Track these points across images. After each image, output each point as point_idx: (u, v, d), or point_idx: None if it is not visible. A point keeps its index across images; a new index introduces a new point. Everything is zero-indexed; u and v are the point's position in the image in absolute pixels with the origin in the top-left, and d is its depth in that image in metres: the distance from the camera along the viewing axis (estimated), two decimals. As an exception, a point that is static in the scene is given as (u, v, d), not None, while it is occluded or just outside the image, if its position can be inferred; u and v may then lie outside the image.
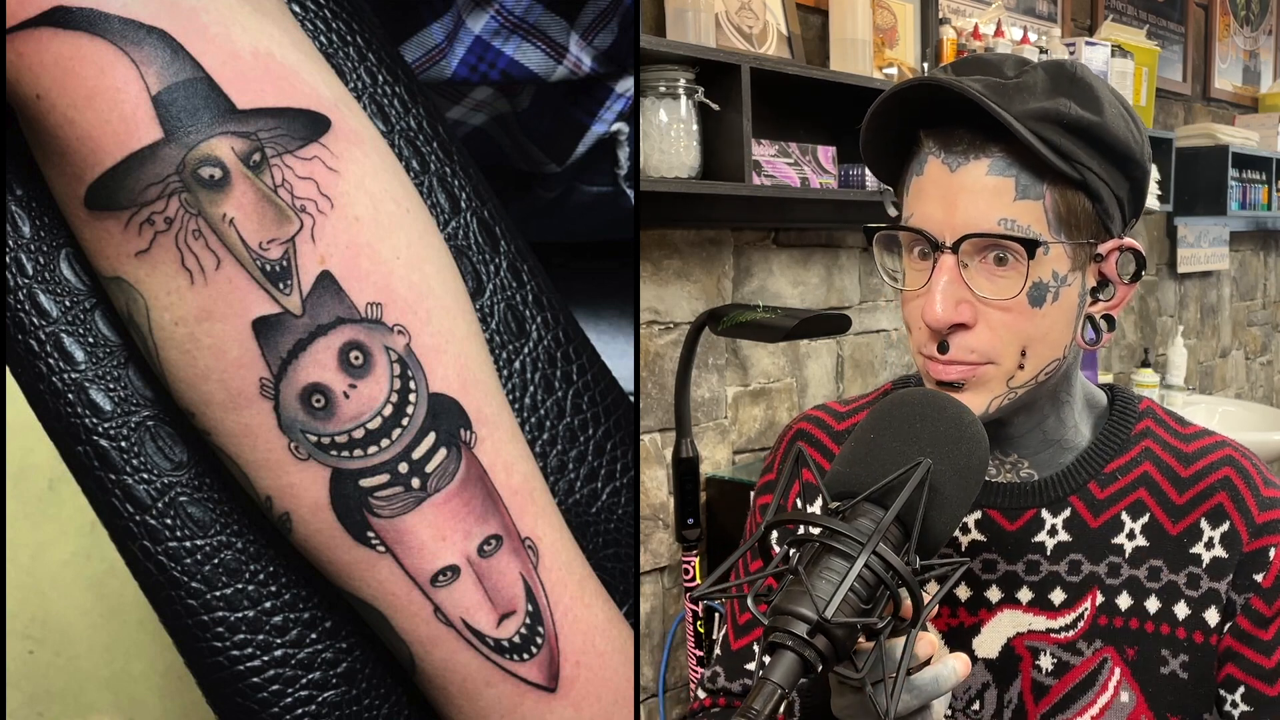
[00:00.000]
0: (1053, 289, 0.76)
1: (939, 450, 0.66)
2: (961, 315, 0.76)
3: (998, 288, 0.75)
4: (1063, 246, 0.76)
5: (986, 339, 0.76)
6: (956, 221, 0.75)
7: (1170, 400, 3.23)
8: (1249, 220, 3.70)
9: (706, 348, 2.01)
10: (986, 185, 0.74)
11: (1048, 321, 0.77)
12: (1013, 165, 0.74)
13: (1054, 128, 0.74)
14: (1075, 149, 0.74)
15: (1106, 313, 0.81)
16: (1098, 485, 0.85)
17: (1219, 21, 3.73)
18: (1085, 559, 0.84)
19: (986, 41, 2.42)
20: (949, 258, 0.75)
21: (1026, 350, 0.77)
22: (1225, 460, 0.85)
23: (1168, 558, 0.84)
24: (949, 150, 0.76)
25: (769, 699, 0.59)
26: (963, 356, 0.77)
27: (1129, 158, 0.77)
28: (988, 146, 0.75)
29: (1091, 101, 0.75)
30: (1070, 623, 0.84)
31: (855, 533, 0.62)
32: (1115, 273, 0.79)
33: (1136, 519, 0.85)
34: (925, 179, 0.77)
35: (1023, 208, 0.74)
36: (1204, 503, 0.84)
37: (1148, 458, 0.86)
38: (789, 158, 1.96)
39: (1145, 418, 0.88)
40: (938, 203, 0.76)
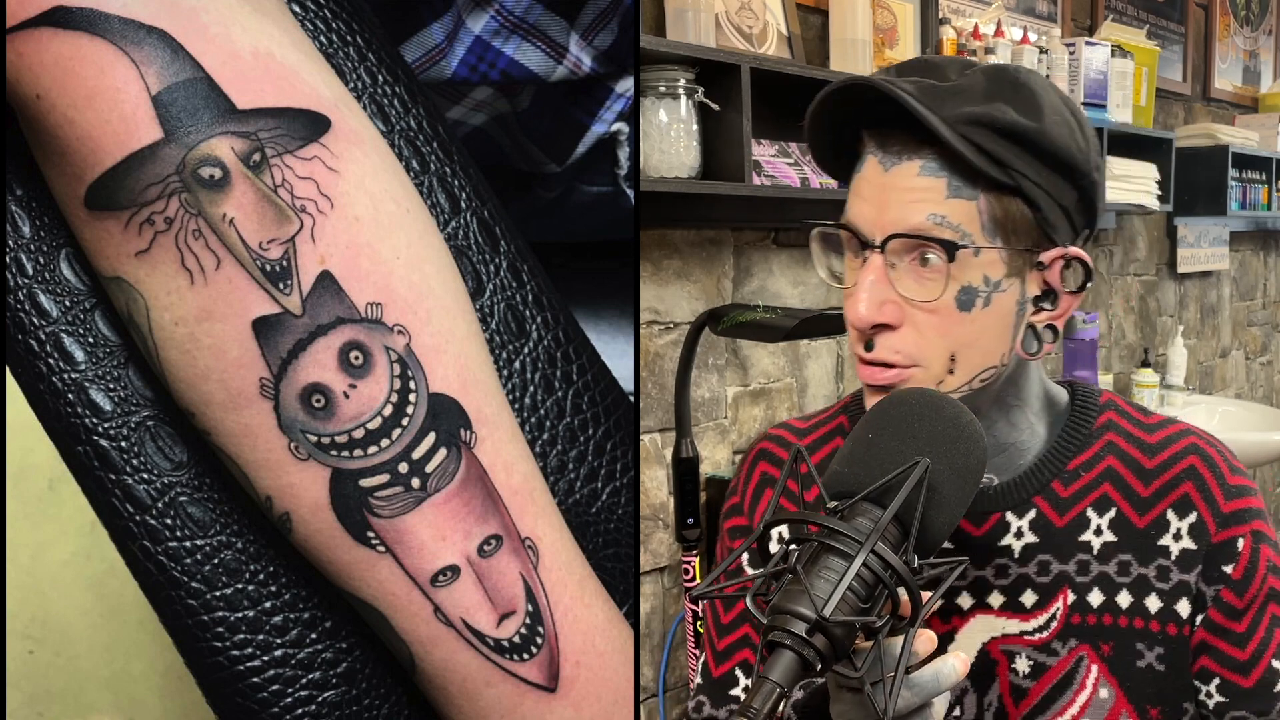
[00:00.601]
0: (984, 294, 0.75)
1: (937, 450, 0.66)
2: (886, 315, 0.75)
3: (923, 289, 0.74)
4: (997, 252, 0.74)
5: (912, 341, 0.75)
6: (885, 220, 0.74)
7: (1170, 400, 3.23)
8: (1249, 220, 3.70)
9: (706, 348, 2.01)
10: (917, 185, 0.74)
11: (977, 327, 0.75)
12: (944, 168, 0.74)
13: (986, 132, 0.73)
14: (1009, 155, 0.73)
15: (1050, 323, 0.79)
16: (1061, 484, 0.85)
17: (1219, 21, 3.73)
18: (1054, 559, 0.84)
19: (986, 42, 2.42)
20: (876, 257, 0.75)
21: (956, 356, 0.76)
22: (1190, 449, 0.85)
23: (1136, 551, 0.84)
24: (885, 150, 0.76)
25: (768, 698, 0.59)
26: (887, 357, 0.76)
27: (1071, 166, 0.75)
28: (921, 148, 0.74)
29: (1031, 108, 0.74)
30: (1043, 624, 0.84)
31: (854, 532, 0.62)
32: (1059, 282, 0.78)
33: (1103, 514, 0.84)
34: (861, 178, 0.77)
35: (955, 206, 0.74)
36: (1170, 494, 0.84)
37: (1111, 452, 0.85)
38: (789, 158, 1.96)
39: (1107, 410, 0.87)
40: (870, 201, 0.76)
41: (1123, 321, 3.30)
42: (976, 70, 0.77)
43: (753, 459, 0.95)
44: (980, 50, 2.38)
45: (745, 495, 0.94)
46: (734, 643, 0.93)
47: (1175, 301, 3.58)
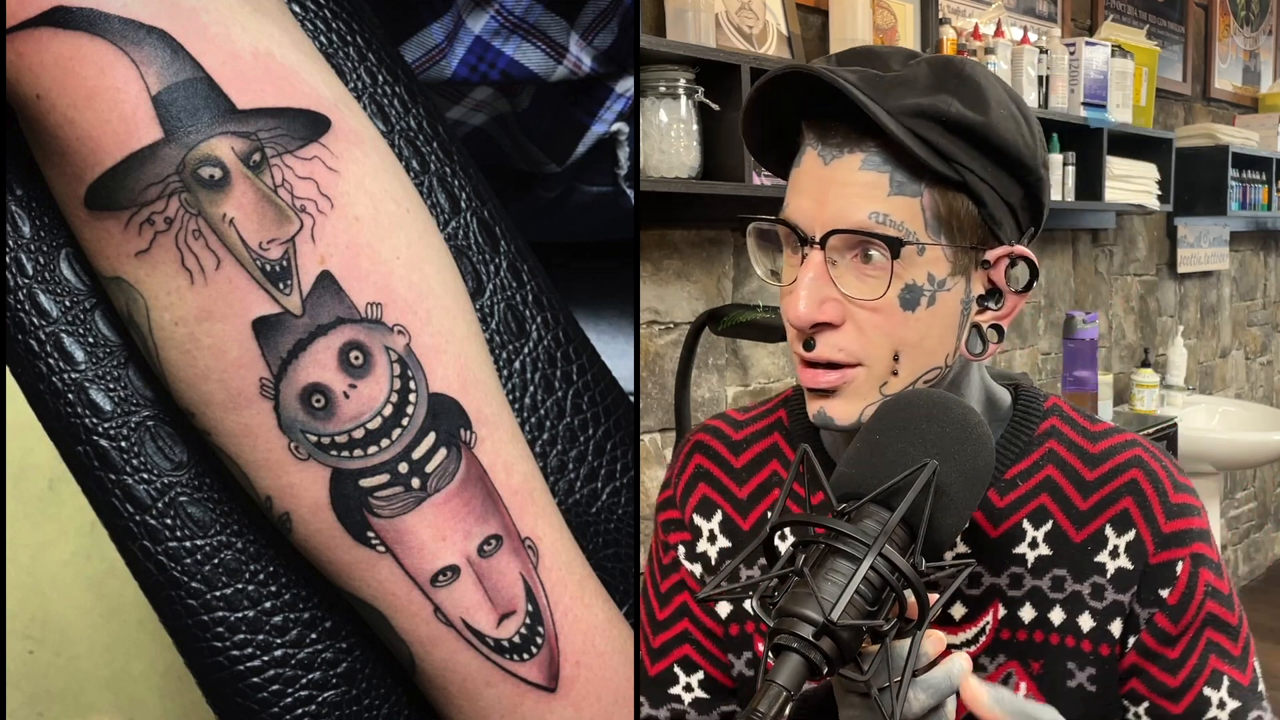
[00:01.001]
0: (928, 293, 0.73)
1: (945, 452, 0.66)
2: (827, 314, 0.73)
3: (866, 287, 0.72)
4: (941, 249, 0.72)
5: (854, 339, 0.73)
6: (826, 215, 0.72)
7: (1170, 400, 3.23)
8: (1249, 220, 3.70)
9: (706, 348, 2.01)
10: (858, 180, 0.72)
11: (922, 326, 0.73)
12: (887, 162, 0.71)
13: (932, 125, 0.71)
14: (954, 149, 0.71)
15: (995, 322, 0.77)
16: (996, 493, 0.82)
17: (1219, 21, 3.73)
18: (985, 571, 0.81)
19: (987, 42, 2.42)
20: (816, 253, 0.72)
21: (900, 355, 0.73)
22: (1133, 462, 0.81)
23: (1071, 567, 0.81)
24: (825, 143, 0.73)
25: (774, 701, 0.58)
26: (830, 355, 0.73)
27: (1018, 162, 0.73)
28: (863, 141, 0.71)
29: (977, 101, 0.72)
30: (972, 637, 0.81)
31: (861, 534, 0.62)
32: (1004, 281, 0.76)
33: (1039, 526, 0.81)
34: (800, 171, 0.74)
35: (897, 204, 0.71)
36: (1109, 508, 0.81)
37: (1051, 461, 0.82)
38: (789, 158, 1.96)
39: (1050, 416, 0.84)
40: (809, 196, 0.73)
41: (1123, 321, 3.30)
42: (921, 61, 0.74)
43: (687, 452, 0.92)
44: (980, 50, 2.38)
45: (678, 488, 0.92)
46: (671, 639, 0.92)
47: (1175, 301, 3.58)
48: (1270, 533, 4.29)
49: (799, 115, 0.75)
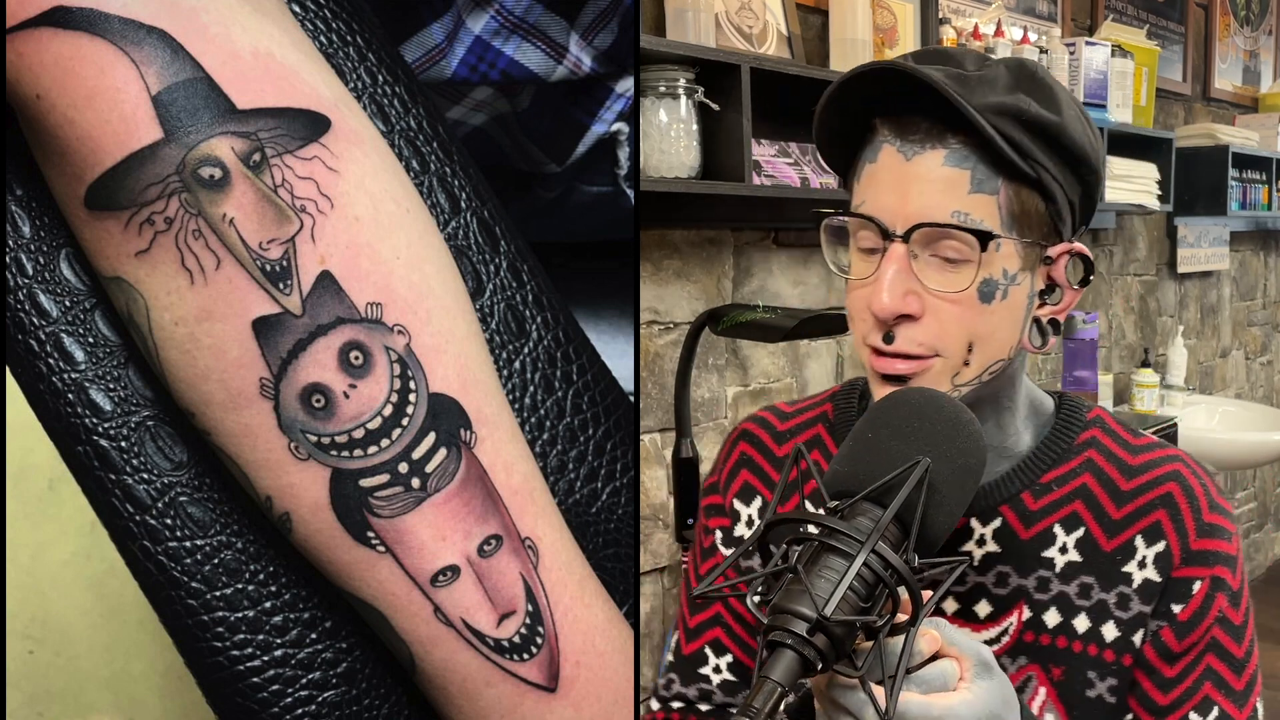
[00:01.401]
0: (1002, 286, 0.75)
1: (937, 449, 0.66)
2: (909, 306, 0.74)
3: (947, 280, 0.74)
4: (1014, 244, 0.74)
5: (934, 331, 0.75)
6: (909, 210, 0.73)
7: (1170, 400, 3.23)
8: (1249, 220, 3.70)
9: (706, 348, 2.01)
10: (941, 176, 0.73)
11: (996, 319, 0.75)
12: (969, 157, 0.73)
13: (1013, 123, 0.72)
14: (1033, 147, 0.73)
15: (1053, 317, 0.79)
16: (1031, 495, 0.82)
17: (1219, 21, 3.73)
18: (1013, 571, 0.82)
19: (986, 42, 2.42)
20: (899, 247, 0.73)
21: (973, 347, 0.75)
22: (1171, 476, 0.82)
23: (1099, 575, 0.81)
24: (905, 139, 0.74)
25: (769, 697, 0.59)
26: (908, 349, 0.75)
27: (1084, 161, 0.75)
28: (945, 137, 0.73)
29: (1051, 101, 0.74)
30: (995, 636, 0.82)
31: (854, 531, 0.62)
32: (1064, 277, 0.78)
33: (1070, 532, 0.82)
34: (879, 166, 0.75)
35: (976, 201, 0.73)
36: (1141, 519, 0.81)
37: (1088, 469, 0.83)
38: (789, 158, 1.96)
39: (1092, 427, 0.85)
40: (891, 191, 0.74)
41: (1123, 321, 3.30)
42: (997, 63, 0.76)
43: (734, 439, 0.94)
44: (980, 50, 2.38)
45: (722, 474, 0.94)
46: (704, 621, 0.93)
47: (1175, 301, 3.58)
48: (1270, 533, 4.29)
49: (870, 113, 0.77)
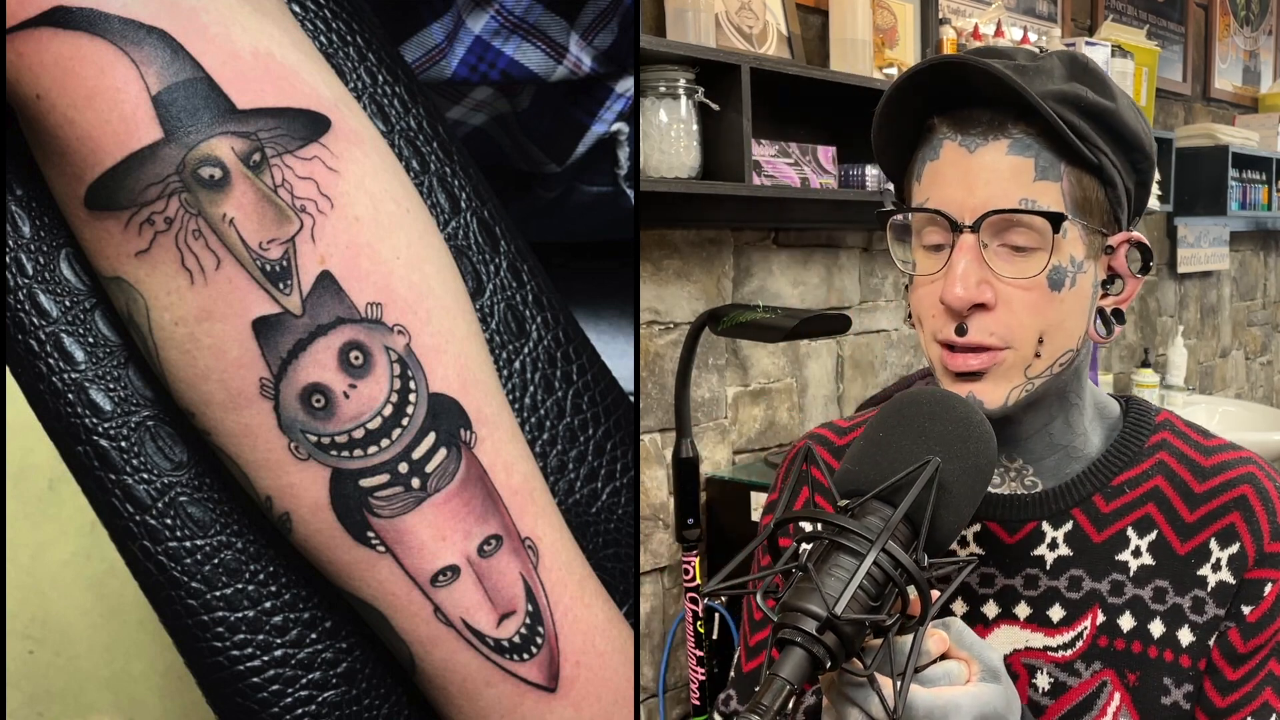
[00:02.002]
0: (1070, 274, 0.75)
1: (948, 449, 0.66)
2: (983, 295, 0.74)
3: (1018, 268, 0.74)
4: (1079, 231, 0.75)
5: (1006, 321, 0.75)
6: (976, 201, 0.74)
7: (1170, 400, 3.23)
8: (1249, 220, 3.70)
9: (706, 348, 2.01)
10: (1006, 165, 0.74)
11: (1065, 308, 0.75)
12: (1032, 145, 0.74)
13: (1073, 110, 0.74)
14: (1092, 133, 0.74)
15: (1115, 307, 0.79)
16: (1103, 498, 0.82)
17: (1219, 21, 3.73)
18: (1086, 575, 0.81)
19: (986, 42, 2.42)
20: (969, 237, 0.74)
21: (1044, 337, 0.75)
22: (1245, 478, 0.80)
23: (1174, 578, 0.80)
24: (966, 133, 0.75)
25: (778, 695, 0.59)
26: (982, 339, 0.75)
27: (1138, 148, 0.76)
28: (1007, 127, 0.74)
29: (1105, 89, 0.76)
30: (1069, 641, 0.81)
31: (864, 530, 0.62)
32: (1125, 266, 0.78)
33: (1143, 535, 0.81)
34: (941, 162, 0.76)
35: (1042, 188, 0.74)
36: (1215, 522, 0.80)
37: (1160, 471, 0.82)
38: (789, 158, 1.96)
39: (1162, 430, 0.84)
40: (956, 184, 0.75)
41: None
42: (1050, 54, 0.78)
43: (793, 456, 0.94)
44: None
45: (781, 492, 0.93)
46: (764, 640, 0.92)
47: (1175, 301, 3.58)
48: (1270, 533, 4.28)
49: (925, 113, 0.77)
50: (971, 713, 0.64)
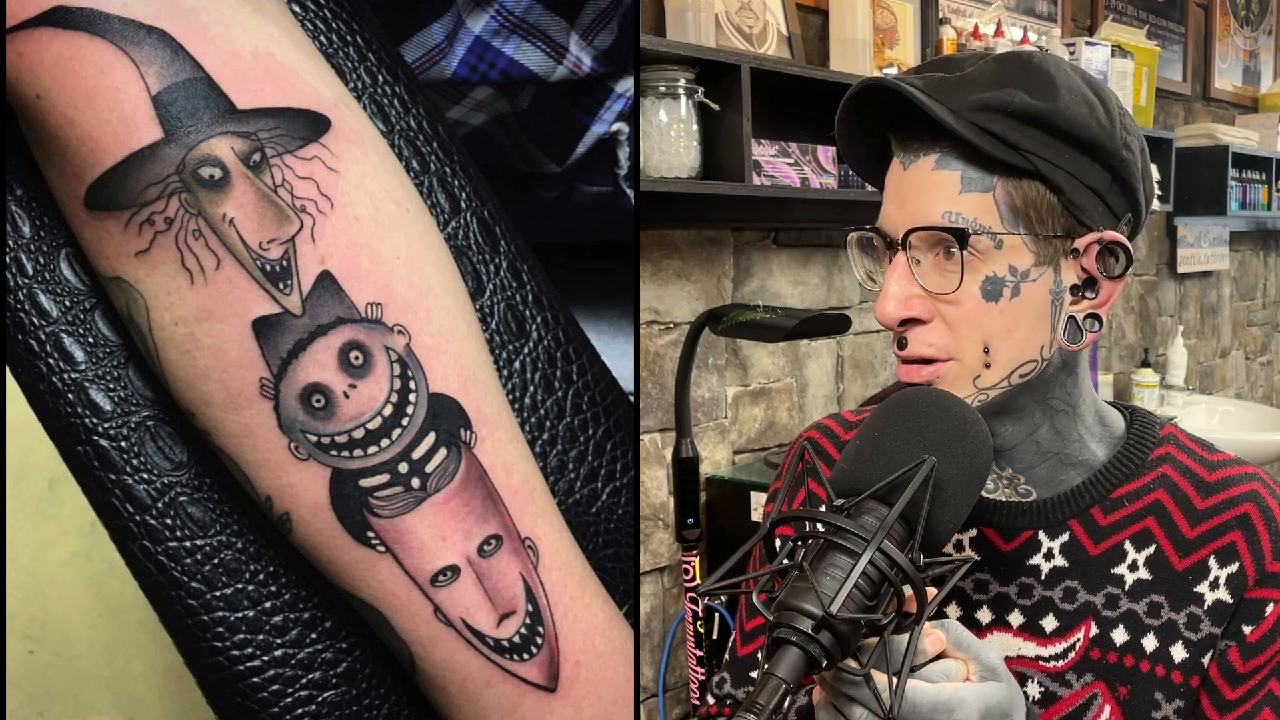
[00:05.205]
0: (1010, 284, 0.74)
1: (943, 448, 0.66)
2: (913, 310, 0.75)
3: (945, 281, 0.74)
4: (1020, 240, 0.73)
5: (942, 333, 0.75)
6: (905, 217, 0.75)
7: (1170, 400, 3.23)
8: (1249, 220, 3.70)
9: (706, 348, 2.01)
10: (931, 180, 0.74)
11: (1008, 318, 0.74)
12: (958, 160, 0.74)
13: (998, 117, 0.72)
14: (1022, 138, 0.72)
15: (1092, 311, 0.77)
16: (1101, 511, 0.81)
17: (1219, 21, 3.73)
18: (1081, 587, 0.80)
19: (986, 41, 2.42)
20: (900, 254, 0.75)
21: (990, 348, 0.75)
22: (1249, 496, 0.79)
23: (1170, 594, 0.79)
24: (905, 149, 0.76)
25: (773, 694, 0.59)
26: (921, 351, 0.75)
27: (1094, 145, 0.73)
28: (936, 143, 0.74)
29: (1045, 90, 0.73)
30: (1060, 652, 0.80)
31: (860, 529, 0.63)
32: (1096, 268, 0.76)
33: (1141, 549, 0.80)
34: (888, 179, 0.78)
35: (969, 201, 0.73)
36: (1216, 539, 0.79)
37: (1162, 485, 0.81)
38: (789, 158, 1.96)
39: (1166, 443, 0.83)
40: (892, 201, 0.77)
41: (1123, 321, 3.31)
42: (988, 59, 0.76)
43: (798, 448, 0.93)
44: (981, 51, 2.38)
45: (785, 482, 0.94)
46: (760, 626, 0.92)
47: (1175, 301, 3.58)
48: (1270, 533, 4.29)
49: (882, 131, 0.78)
50: (976, 707, 0.64)
